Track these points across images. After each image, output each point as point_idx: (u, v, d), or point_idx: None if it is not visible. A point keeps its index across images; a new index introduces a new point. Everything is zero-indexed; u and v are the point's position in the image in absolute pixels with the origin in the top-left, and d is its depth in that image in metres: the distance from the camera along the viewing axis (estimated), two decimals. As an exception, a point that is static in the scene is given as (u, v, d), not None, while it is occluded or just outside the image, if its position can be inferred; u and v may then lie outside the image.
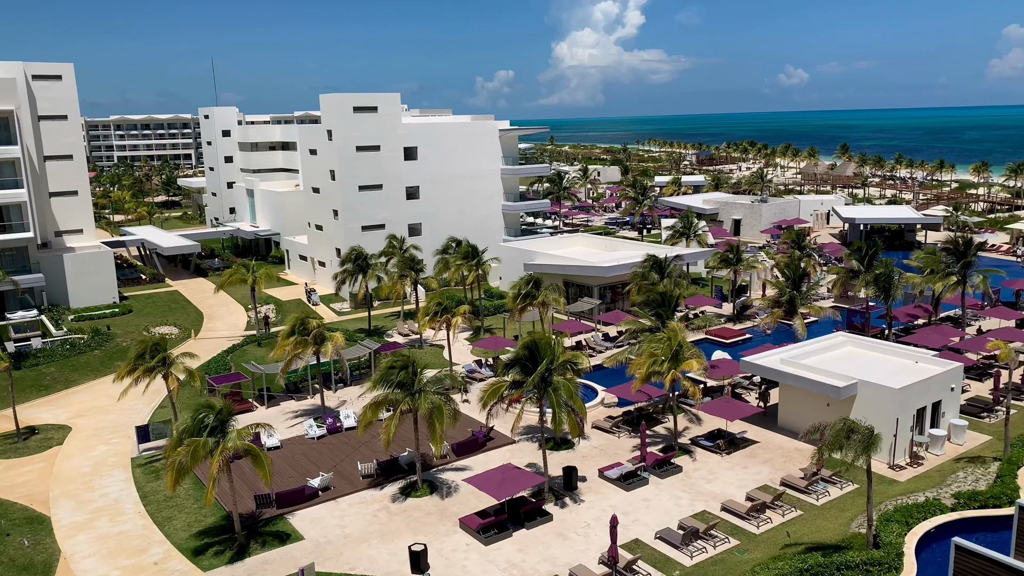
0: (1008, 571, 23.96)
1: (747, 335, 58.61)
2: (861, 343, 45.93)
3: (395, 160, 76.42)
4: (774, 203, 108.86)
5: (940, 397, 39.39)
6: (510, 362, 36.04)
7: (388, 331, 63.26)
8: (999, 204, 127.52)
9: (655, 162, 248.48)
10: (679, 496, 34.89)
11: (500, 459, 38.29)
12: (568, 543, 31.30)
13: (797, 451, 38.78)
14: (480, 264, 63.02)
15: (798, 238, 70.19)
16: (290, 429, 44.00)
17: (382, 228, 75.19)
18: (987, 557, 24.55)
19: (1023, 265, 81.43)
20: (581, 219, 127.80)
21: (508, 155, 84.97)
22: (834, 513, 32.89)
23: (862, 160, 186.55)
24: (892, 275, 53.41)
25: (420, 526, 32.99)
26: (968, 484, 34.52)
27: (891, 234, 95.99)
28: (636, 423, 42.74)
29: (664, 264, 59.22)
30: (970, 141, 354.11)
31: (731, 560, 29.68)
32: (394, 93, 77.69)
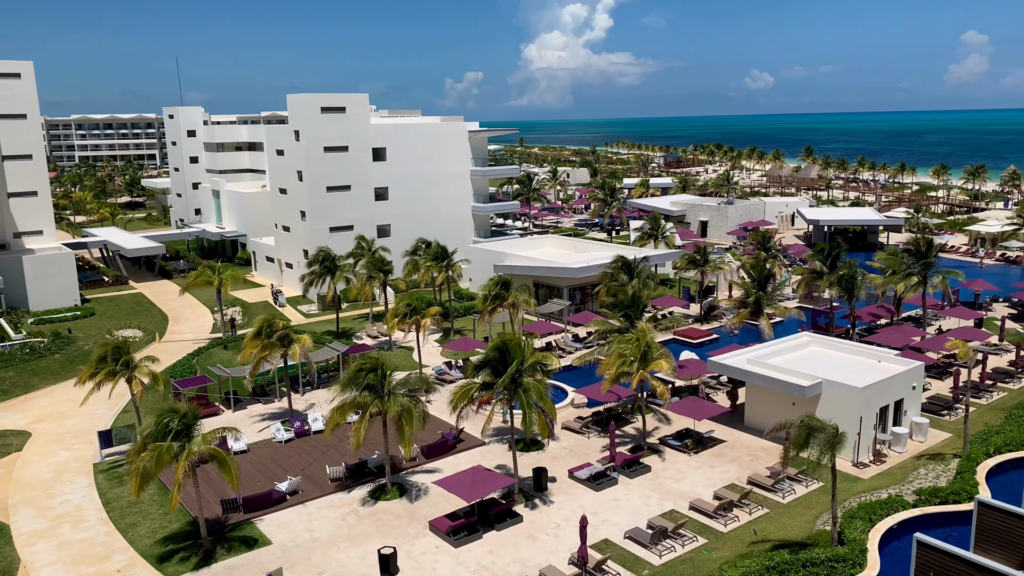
0: (967, 565, 24.52)
1: (714, 335, 59.23)
2: (825, 343, 46.66)
3: (364, 161, 75.98)
4: (740, 205, 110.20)
5: (902, 396, 40.16)
6: (480, 364, 36.02)
7: (357, 333, 62.85)
8: (958, 206, 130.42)
9: (623, 164, 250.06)
10: (648, 496, 35.13)
11: (470, 461, 38.24)
12: (538, 544, 31.36)
13: (763, 450, 39.27)
14: (450, 266, 62.89)
15: (764, 240, 71.10)
16: (257, 433, 43.49)
17: (350, 229, 74.70)
18: (947, 552, 25.09)
19: (981, 266, 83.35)
20: (551, 221, 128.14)
21: (478, 156, 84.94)
22: (800, 511, 33.36)
23: (826, 163, 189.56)
24: (855, 276, 54.36)
25: (389, 529, 32.81)
26: (929, 481, 35.22)
27: (854, 236, 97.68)
28: (605, 423, 42.96)
29: (633, 265, 59.63)
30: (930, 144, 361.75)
31: (699, 559, 29.96)
32: (362, 94, 77.25)
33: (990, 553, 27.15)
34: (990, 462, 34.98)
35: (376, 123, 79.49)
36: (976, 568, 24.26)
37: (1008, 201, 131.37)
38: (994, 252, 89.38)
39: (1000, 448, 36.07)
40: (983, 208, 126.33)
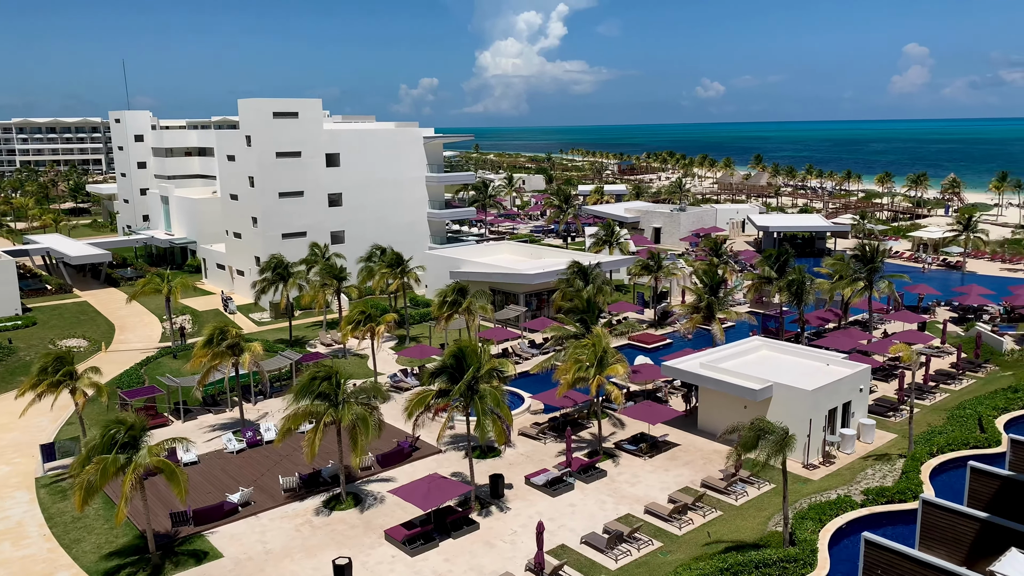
0: (913, 562, 25.17)
1: (668, 340, 59.95)
2: (775, 347, 47.56)
3: (317, 167, 75.18)
4: (692, 212, 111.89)
5: (850, 398, 41.11)
6: (436, 371, 35.84)
7: (310, 341, 62.04)
8: (902, 213, 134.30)
9: (578, 171, 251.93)
10: (604, 500, 35.32)
11: (426, 469, 38.01)
12: (495, 551, 31.27)
13: (716, 453, 39.80)
14: (405, 272, 62.53)
15: (715, 246, 72.27)
16: (208, 443, 42.59)
17: (303, 236, 73.79)
18: (894, 550, 25.72)
19: (925, 271, 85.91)
20: (507, 227, 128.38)
21: (433, 163, 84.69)
22: (752, 512, 33.88)
23: (775, 170, 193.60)
24: (804, 281, 55.59)
25: (344, 539, 32.40)
26: (876, 480, 36.09)
27: (803, 241, 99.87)
28: (562, 429, 43.11)
29: (588, 271, 60.05)
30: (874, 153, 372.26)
31: (655, 562, 30.21)
32: (315, 99, 76.47)
33: (935, 550, 27.92)
34: (933, 461, 35.98)
35: (330, 128, 78.74)
36: (921, 565, 24.92)
37: (949, 208, 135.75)
38: (936, 257, 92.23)
39: (943, 448, 37.11)
40: (925, 215, 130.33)
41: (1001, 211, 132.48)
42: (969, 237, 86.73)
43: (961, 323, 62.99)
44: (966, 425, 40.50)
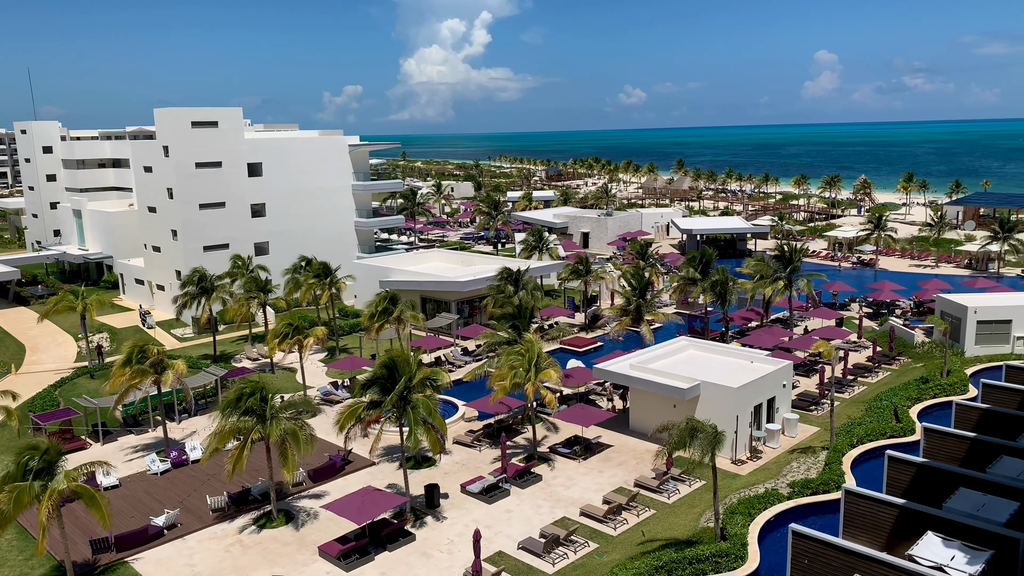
0: (837, 550, 26.11)
1: (599, 343, 60.69)
2: (702, 346, 48.71)
3: (239, 177, 73.37)
4: (619, 216, 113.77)
5: (774, 394, 42.42)
6: (367, 382, 35.38)
7: (236, 356, 60.41)
8: (818, 213, 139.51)
9: (507, 178, 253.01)
10: (540, 505, 35.47)
11: (359, 482, 37.45)
12: (432, 562, 31.03)
13: (648, 452, 40.46)
14: (333, 282, 61.56)
15: (642, 249, 73.60)
16: (130, 465, 40.97)
17: (226, 248, 71.85)
18: (819, 539, 26.64)
19: (840, 269, 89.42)
20: (436, 234, 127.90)
21: (359, 171, 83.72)
22: (685, 509, 34.57)
23: (697, 175, 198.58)
24: (727, 282, 57.16)
25: (277, 557, 31.61)
26: (801, 473, 37.32)
27: (725, 243, 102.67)
28: (496, 435, 43.12)
29: (519, 277, 60.33)
30: (790, 156, 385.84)
31: (591, 564, 30.48)
32: (236, 108, 74.68)
33: (857, 537, 29.04)
34: (854, 452, 37.49)
35: (251, 138, 77.02)
36: (844, 552, 25.88)
37: (861, 208, 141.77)
38: (850, 256, 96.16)
39: (862, 439, 38.72)
40: (839, 215, 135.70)
41: (909, 210, 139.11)
42: (880, 236, 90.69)
43: (875, 318, 65.79)
44: (883, 416, 42.34)
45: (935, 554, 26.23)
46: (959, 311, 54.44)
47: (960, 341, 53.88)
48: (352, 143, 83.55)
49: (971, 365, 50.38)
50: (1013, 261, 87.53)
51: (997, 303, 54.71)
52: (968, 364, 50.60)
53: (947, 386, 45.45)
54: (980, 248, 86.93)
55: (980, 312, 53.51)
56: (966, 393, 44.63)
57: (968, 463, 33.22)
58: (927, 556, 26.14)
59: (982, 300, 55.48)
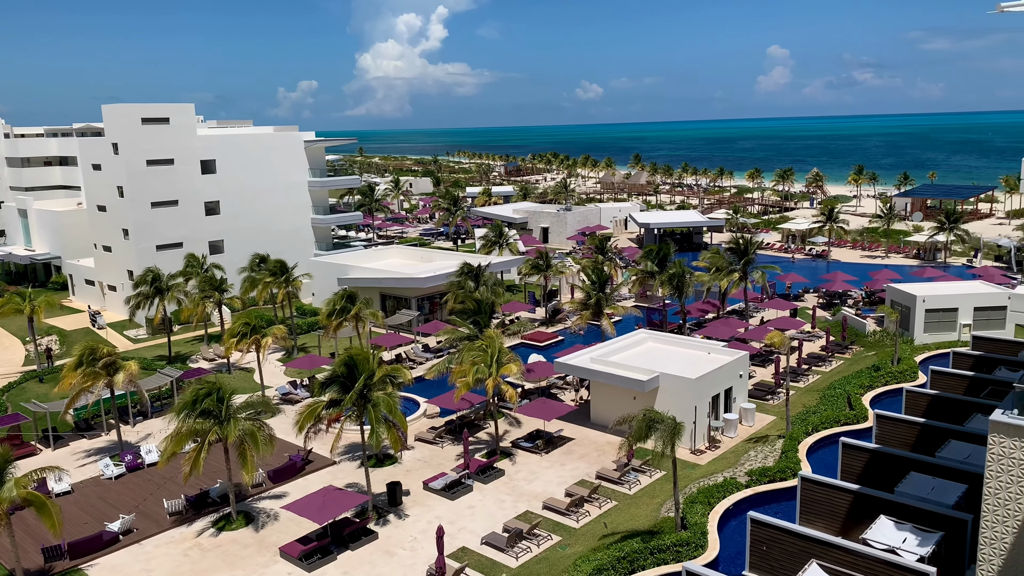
0: (794, 536, 26.67)
1: (560, 337, 60.99)
2: (661, 338, 49.28)
3: (192, 174, 72.00)
4: (578, 211, 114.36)
5: (731, 384, 43.11)
6: (327, 381, 35.06)
7: (192, 356, 59.35)
8: (771, 206, 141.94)
9: (466, 173, 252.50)
10: (503, 499, 35.55)
11: (320, 482, 37.13)
12: (395, 559, 30.91)
13: (609, 444, 40.81)
14: (290, 281, 60.80)
15: (601, 243, 74.11)
16: (83, 470, 40.01)
17: (180, 247, 70.49)
18: (777, 526, 27.18)
19: (794, 260, 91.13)
20: (395, 231, 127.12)
21: (315, 167, 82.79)
22: (645, 500, 34.96)
23: (653, 169, 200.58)
24: (684, 275, 57.87)
25: (237, 560, 31.19)
26: (759, 462, 38.00)
27: (681, 237, 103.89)
28: (459, 432, 43.09)
29: (479, 273, 60.28)
30: (744, 150, 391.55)
31: (555, 556, 30.67)
32: (188, 104, 73.19)
33: (813, 523, 29.69)
34: (809, 440, 38.31)
35: (204, 134, 75.58)
36: (801, 538, 26.45)
37: (813, 200, 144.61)
38: (803, 247, 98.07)
39: (817, 426, 39.57)
40: (792, 207, 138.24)
41: (859, 202, 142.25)
42: (832, 227, 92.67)
43: (828, 308, 67.20)
44: (837, 404, 43.33)
45: (888, 537, 26.95)
46: (908, 300, 55.90)
47: (910, 329, 55.35)
48: (308, 139, 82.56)
49: (920, 353, 51.83)
50: (959, 251, 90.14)
51: (944, 292, 56.31)
52: (917, 352, 52.03)
53: (898, 373, 46.68)
54: (927, 239, 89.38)
55: (928, 301, 55.02)
56: (916, 380, 45.90)
57: (918, 448, 34.18)
58: (880, 539, 26.84)
59: (930, 289, 57.06)
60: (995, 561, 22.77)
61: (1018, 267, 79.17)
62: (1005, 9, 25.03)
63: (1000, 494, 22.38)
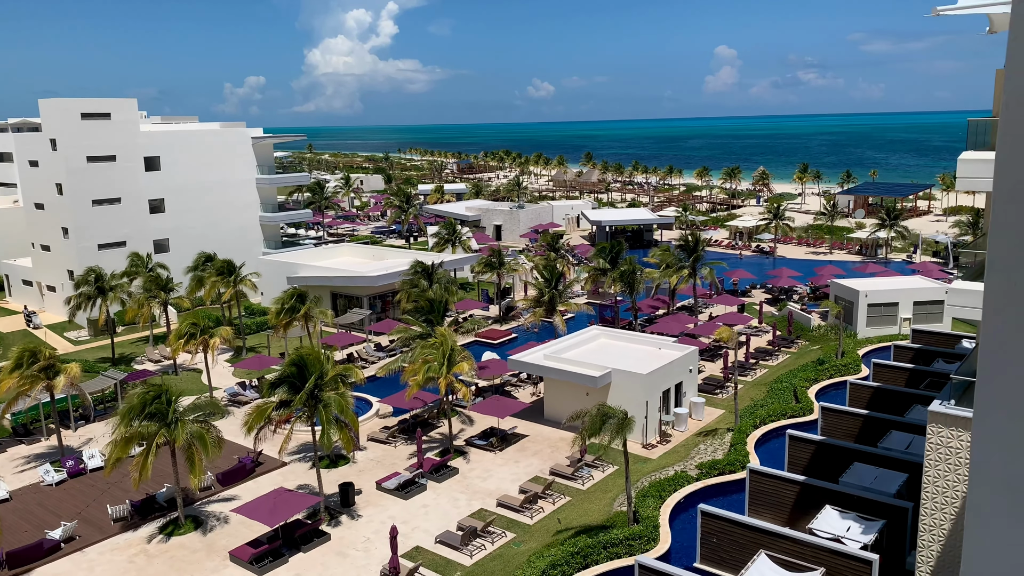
0: (743, 527, 27.21)
1: (513, 335, 61.11)
2: (612, 335, 49.74)
3: (135, 171, 70.14)
4: (530, 209, 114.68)
5: (681, 378, 43.76)
6: (276, 381, 34.53)
7: (137, 358, 57.88)
8: (719, 204, 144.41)
9: (417, 170, 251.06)
10: (457, 498, 35.50)
11: (271, 484, 36.57)
12: (348, 560, 30.63)
13: (563, 440, 41.06)
14: (238, 280, 59.71)
15: (553, 241, 74.46)
16: (21, 477, 38.71)
17: (123, 246, 68.61)
18: (726, 518, 27.70)
19: (741, 257, 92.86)
20: (346, 229, 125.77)
21: (263, 164, 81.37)
22: (599, 495, 35.27)
23: (604, 167, 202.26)
24: (635, 272, 58.52)
25: (185, 565, 30.54)
26: (708, 455, 38.66)
27: (632, 234, 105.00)
28: (412, 431, 42.86)
29: (432, 271, 60.03)
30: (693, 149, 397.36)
31: (509, 553, 30.74)
32: (130, 99, 71.30)
33: (762, 514, 30.33)
34: (757, 433, 39.11)
35: (148, 130, 73.66)
36: (750, 529, 27.01)
37: (760, 198, 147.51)
38: (750, 244, 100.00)
39: (765, 419, 40.43)
40: (740, 205, 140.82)
41: (804, 200, 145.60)
42: (778, 224, 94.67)
43: (775, 303, 68.68)
44: (783, 397, 44.31)
45: (833, 526, 27.68)
46: (851, 295, 57.44)
47: (853, 324, 56.89)
48: (255, 135, 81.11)
49: (863, 346, 53.34)
50: (899, 247, 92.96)
51: (886, 287, 58.00)
52: (860, 345, 53.52)
53: (842, 367, 47.96)
54: (869, 235, 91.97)
55: (870, 296, 56.61)
56: (859, 373, 47.22)
57: (862, 439, 35.17)
58: (826, 528, 27.56)
59: (872, 284, 58.73)
60: (934, 547, 23.58)
61: (955, 262, 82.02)
62: (941, 12, 25.87)
63: (938, 482, 23.17)
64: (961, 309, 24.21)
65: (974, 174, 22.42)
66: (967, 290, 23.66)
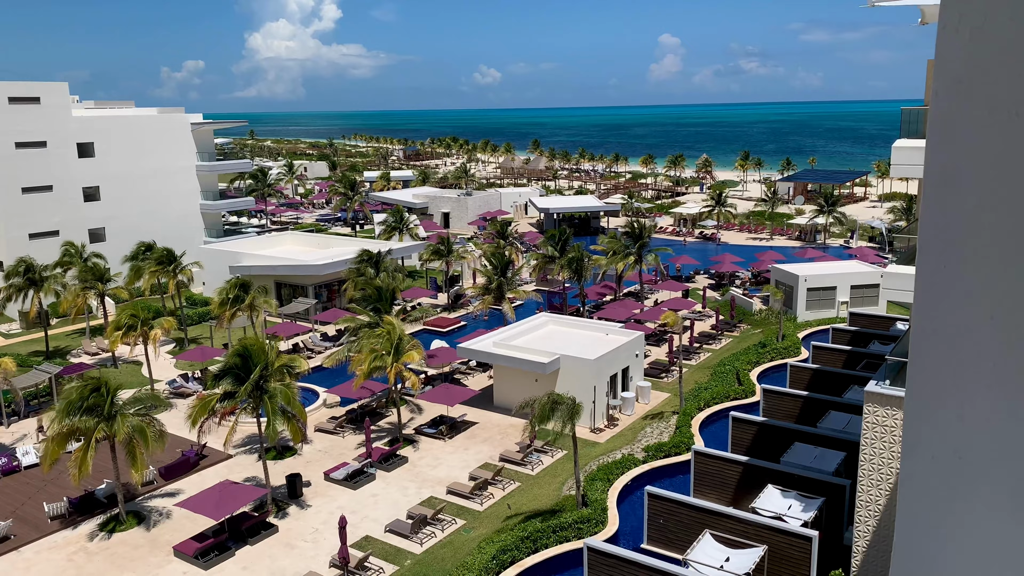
0: (689, 508, 27.80)
1: (462, 322, 61.06)
2: (561, 321, 50.10)
3: (67, 158, 67.72)
4: (478, 196, 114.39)
5: (628, 363, 44.35)
6: (220, 372, 33.89)
7: (73, 351, 56.08)
8: (664, 191, 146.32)
9: (363, 157, 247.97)
10: (406, 486, 35.42)
11: (217, 477, 35.93)
12: (296, 552, 30.33)
13: (512, 427, 41.28)
14: (179, 269, 58.25)
15: (502, 228, 74.51)
16: (-50, 477, 37.21)
17: (56, 235, 66.28)
18: (672, 499, 28.26)
19: (685, 243, 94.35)
20: (290, 216, 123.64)
21: (204, 150, 79.39)
22: (548, 480, 35.60)
23: (552, 155, 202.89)
24: (582, 258, 59.00)
25: (127, 562, 29.84)
26: (655, 438, 39.32)
27: (580, 221, 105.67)
28: (360, 420, 42.55)
29: (379, 259, 59.50)
30: (638, 136, 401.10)
31: (459, 540, 30.84)
32: (61, 83, 68.74)
33: (706, 494, 31.02)
34: (701, 415, 39.91)
35: (80, 115, 71.18)
36: (695, 509, 27.61)
37: (703, 185, 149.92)
38: (693, 231, 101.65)
39: (709, 402, 41.27)
40: (684, 192, 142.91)
41: (745, 187, 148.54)
42: (721, 211, 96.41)
43: (718, 289, 70.05)
44: (727, 380, 45.28)
45: (775, 505, 28.48)
46: (791, 280, 58.91)
47: (793, 307, 58.39)
48: (195, 121, 79.07)
49: (803, 329, 54.80)
50: (837, 233, 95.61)
51: (824, 272, 59.64)
52: (800, 328, 54.98)
53: (782, 349, 49.21)
54: (808, 221, 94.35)
55: (810, 280, 58.15)
56: (799, 355, 48.51)
57: (802, 419, 36.19)
58: (768, 507, 28.33)
59: (811, 269, 60.32)
60: (870, 523, 24.46)
61: (889, 247, 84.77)
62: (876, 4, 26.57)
63: (874, 460, 24.01)
64: (895, 292, 25.07)
65: (907, 161, 23.14)
66: (901, 274, 24.50)
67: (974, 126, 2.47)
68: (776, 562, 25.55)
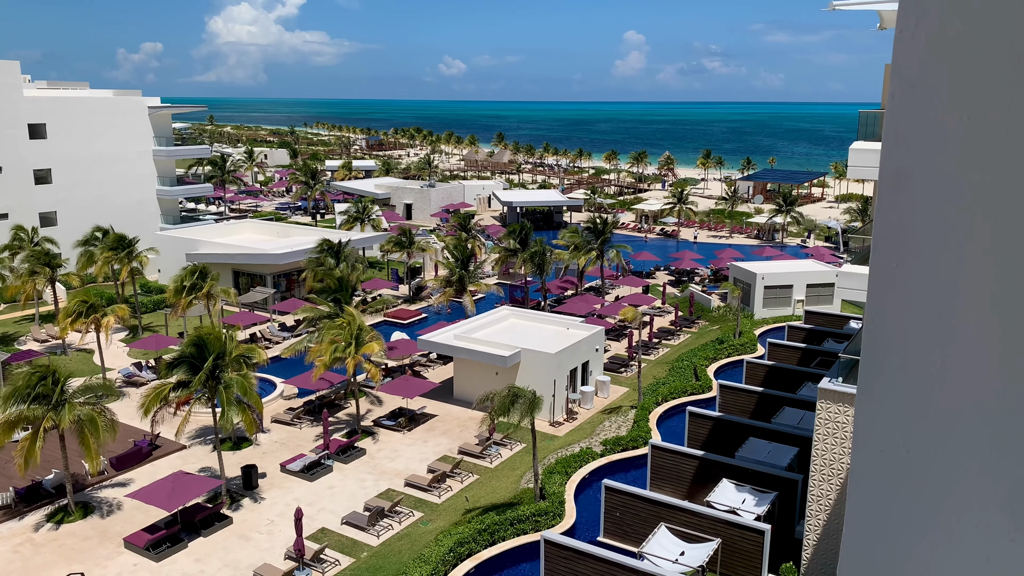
0: (645, 501, 28.13)
1: (423, 315, 60.83)
2: (522, 315, 50.21)
3: (17, 139, 65.73)
4: (442, 188, 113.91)
5: (588, 358, 44.64)
6: (174, 361, 33.28)
7: (21, 338, 54.56)
8: (626, 187, 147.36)
9: (325, 145, 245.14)
10: (364, 479, 35.23)
11: (170, 467, 35.31)
12: (251, 544, 29.98)
13: (472, 420, 41.27)
14: (133, 256, 56.99)
15: (464, 221, 74.33)
16: None
17: (5, 218, 64.36)
18: (629, 492, 28.56)
19: (647, 240, 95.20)
20: (249, 204, 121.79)
21: (161, 135, 77.68)
22: (506, 473, 35.70)
23: (516, 148, 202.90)
24: (545, 253, 59.16)
25: (76, 554, 29.19)
26: (613, 431, 39.68)
27: (543, 216, 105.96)
28: (318, 412, 42.15)
29: (339, 249, 58.93)
30: (601, 132, 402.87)
31: (416, 533, 30.78)
32: (12, 61, 66.64)
33: (663, 488, 31.41)
34: (659, 410, 40.40)
35: (32, 96, 69.07)
36: (651, 503, 27.95)
37: (665, 183, 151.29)
38: (655, 227, 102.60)
39: (667, 396, 41.78)
40: (646, 189, 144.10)
41: (707, 184, 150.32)
42: (682, 208, 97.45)
43: (677, 285, 70.84)
44: (684, 375, 45.88)
45: (729, 498, 28.97)
46: (749, 278, 59.82)
47: (750, 305, 59.31)
48: (152, 105, 77.30)
49: (759, 326, 55.73)
50: (794, 232, 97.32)
51: (781, 270, 60.68)
52: (757, 325, 55.91)
53: (739, 346, 50.00)
54: (767, 220, 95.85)
55: (767, 278, 59.11)
56: (755, 352, 49.35)
57: (757, 415, 36.82)
58: (722, 501, 28.80)
59: (769, 267, 61.31)
60: (820, 516, 25.02)
61: (845, 247, 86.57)
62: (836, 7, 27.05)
63: (826, 455, 24.55)
64: (850, 291, 25.62)
65: (863, 163, 23.65)
66: (855, 273, 25.04)
67: (927, 129, 2.53)
68: (730, 555, 26.00)
